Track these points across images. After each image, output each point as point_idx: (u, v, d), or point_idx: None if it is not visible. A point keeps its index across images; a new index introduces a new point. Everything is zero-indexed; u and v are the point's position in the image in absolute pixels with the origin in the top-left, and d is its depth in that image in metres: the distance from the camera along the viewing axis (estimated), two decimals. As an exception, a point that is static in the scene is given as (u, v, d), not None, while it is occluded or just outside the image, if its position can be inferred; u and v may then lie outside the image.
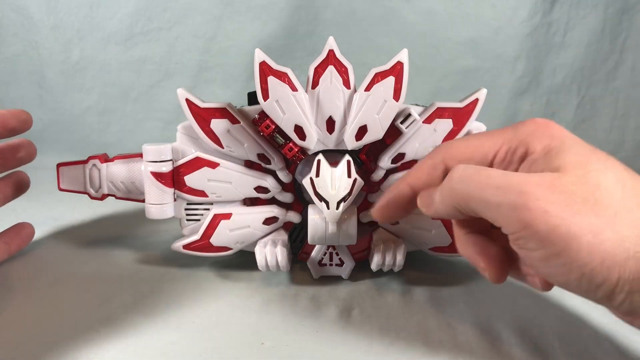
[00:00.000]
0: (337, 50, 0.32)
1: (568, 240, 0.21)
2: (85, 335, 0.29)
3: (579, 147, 0.24)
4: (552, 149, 0.24)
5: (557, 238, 0.21)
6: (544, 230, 0.21)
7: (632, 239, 0.20)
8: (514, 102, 0.79)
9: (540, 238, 0.21)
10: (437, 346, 0.28)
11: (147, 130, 0.80)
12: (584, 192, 0.22)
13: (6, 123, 0.36)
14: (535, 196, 0.21)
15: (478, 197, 0.23)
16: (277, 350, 0.28)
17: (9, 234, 0.40)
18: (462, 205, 0.24)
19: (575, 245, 0.21)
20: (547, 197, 0.21)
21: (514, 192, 0.22)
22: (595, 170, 0.22)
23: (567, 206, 0.21)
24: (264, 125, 0.33)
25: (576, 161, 0.23)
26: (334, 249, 0.36)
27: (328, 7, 0.77)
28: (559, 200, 0.21)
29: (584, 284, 0.21)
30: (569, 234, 0.21)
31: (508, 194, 0.22)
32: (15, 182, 0.40)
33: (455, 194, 0.25)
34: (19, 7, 0.78)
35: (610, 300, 0.21)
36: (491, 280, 0.26)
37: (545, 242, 0.21)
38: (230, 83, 0.80)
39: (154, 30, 0.78)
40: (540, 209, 0.21)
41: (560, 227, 0.21)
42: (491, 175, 0.23)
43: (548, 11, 0.76)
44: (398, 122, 0.33)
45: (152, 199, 0.35)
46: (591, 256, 0.20)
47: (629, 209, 0.21)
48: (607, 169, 0.23)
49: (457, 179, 0.25)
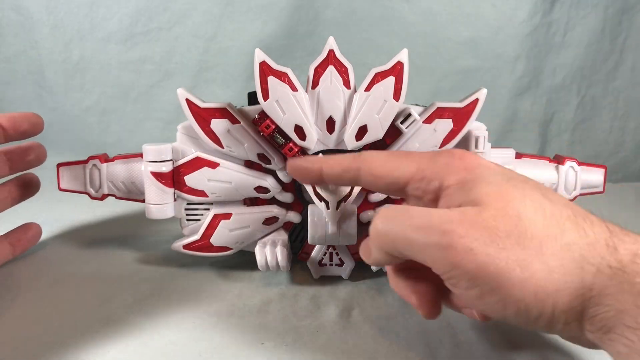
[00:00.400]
0: (337, 50, 0.32)
1: (498, 277, 0.20)
2: (86, 335, 0.29)
3: (494, 177, 0.24)
4: (467, 181, 0.24)
5: (487, 276, 0.21)
6: (472, 268, 0.21)
7: (559, 270, 0.20)
8: (514, 102, 0.79)
9: (470, 277, 0.21)
10: (437, 346, 0.28)
11: (147, 130, 0.80)
12: (506, 225, 0.21)
13: (18, 126, 0.36)
14: (459, 234, 0.21)
15: (403, 238, 0.23)
16: (277, 350, 0.28)
17: (15, 235, 0.40)
18: (391, 249, 0.24)
19: (506, 282, 0.20)
20: (470, 235, 0.21)
21: (438, 232, 0.22)
22: (513, 201, 0.22)
23: (492, 242, 0.21)
24: (264, 125, 0.33)
25: (494, 192, 0.22)
26: (334, 249, 0.36)
27: (328, 7, 0.77)
28: (483, 236, 0.21)
29: (521, 317, 0.21)
30: (498, 271, 0.20)
31: (431, 234, 0.22)
32: (24, 183, 0.40)
33: (381, 238, 0.24)
34: (19, 7, 0.78)
35: (551, 330, 0.21)
36: (424, 317, 0.25)
37: (476, 281, 0.21)
38: (230, 83, 0.80)
39: (154, 30, 0.78)
40: (466, 247, 0.21)
41: (488, 265, 0.20)
42: (413, 215, 0.23)
43: (548, 11, 0.76)
44: (398, 122, 0.33)
45: (152, 199, 0.35)
46: (523, 291, 0.20)
47: (552, 237, 0.21)
48: (525, 197, 0.22)
49: (380, 222, 0.24)
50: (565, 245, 0.21)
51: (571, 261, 0.20)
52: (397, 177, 0.26)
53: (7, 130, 0.36)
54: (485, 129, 0.35)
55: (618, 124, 0.79)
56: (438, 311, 0.26)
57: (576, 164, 0.38)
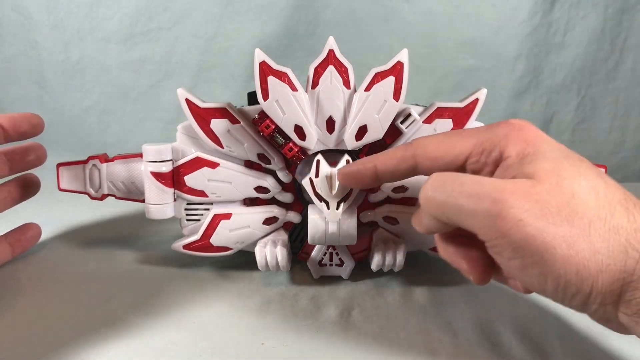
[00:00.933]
0: (337, 50, 0.32)
1: (543, 251, 0.21)
2: (86, 335, 0.29)
3: (553, 153, 0.24)
4: (526, 154, 0.24)
5: (532, 248, 0.21)
6: (518, 239, 0.21)
7: (604, 251, 0.20)
8: (514, 102, 0.79)
9: (515, 247, 0.21)
10: (437, 346, 0.28)
11: (147, 130, 0.80)
12: (558, 201, 0.21)
13: (18, 127, 0.36)
14: (510, 204, 0.21)
15: (451, 205, 0.23)
16: (277, 350, 0.28)
17: (14, 235, 0.40)
18: (440, 215, 0.24)
19: (550, 256, 0.21)
20: (521, 206, 0.21)
21: (488, 200, 0.22)
22: (569, 178, 0.22)
23: (542, 215, 0.21)
24: (264, 125, 0.33)
25: (550, 168, 0.23)
26: (334, 249, 0.36)
27: (328, 7, 0.77)
28: (533, 209, 0.21)
29: (559, 293, 0.21)
30: (544, 244, 0.21)
31: (482, 202, 0.22)
32: (25, 184, 0.40)
33: (431, 204, 0.24)
34: (19, 7, 0.78)
35: (585, 309, 0.21)
36: (475, 282, 0.26)
37: (520, 252, 0.21)
38: (230, 83, 0.80)
39: (154, 30, 0.78)
40: (515, 217, 0.21)
41: (535, 237, 0.21)
42: (464, 182, 0.23)
43: (548, 11, 0.76)
44: (398, 122, 0.33)
45: (152, 199, 0.35)
46: (565, 267, 0.20)
47: (602, 218, 0.21)
48: (580, 175, 0.22)
49: (430, 188, 0.24)
50: (613, 228, 0.21)
51: (617, 244, 0.21)
52: (457, 154, 0.26)
53: (7, 131, 0.36)
54: (485, 129, 0.35)
55: (618, 124, 0.79)
56: (488, 277, 0.26)
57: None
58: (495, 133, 0.26)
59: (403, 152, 0.28)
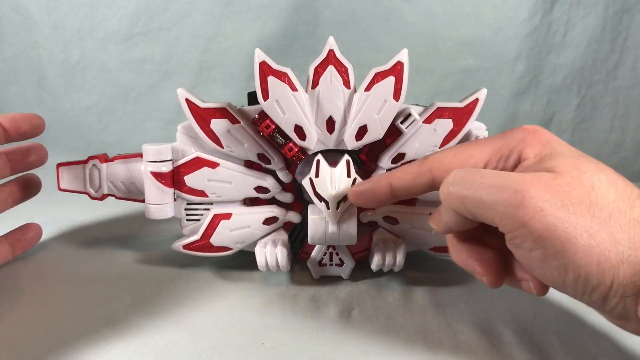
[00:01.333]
0: (337, 50, 0.32)
1: (564, 241, 0.21)
2: (86, 335, 0.29)
3: (570, 152, 0.24)
4: (544, 155, 0.25)
5: (554, 238, 0.21)
6: (539, 229, 0.21)
7: (625, 242, 0.21)
8: (514, 102, 0.79)
9: (536, 237, 0.21)
10: (437, 346, 0.28)
11: (147, 130, 0.80)
12: (579, 193, 0.22)
13: (18, 127, 0.36)
14: (531, 194, 0.22)
15: (472, 197, 0.23)
16: (277, 350, 0.28)
17: (15, 236, 0.40)
18: (461, 208, 0.24)
19: (571, 247, 0.21)
20: (542, 196, 0.21)
21: (509, 191, 0.22)
22: (589, 172, 0.23)
23: (563, 206, 0.21)
24: (264, 125, 0.33)
25: (570, 164, 0.23)
26: (334, 249, 0.36)
27: (328, 7, 0.77)
28: (554, 199, 0.21)
29: (579, 286, 0.21)
30: (566, 234, 0.21)
31: (503, 192, 0.22)
32: (26, 184, 0.40)
33: (451, 198, 0.25)
34: (19, 7, 0.78)
35: (604, 304, 0.21)
36: (489, 285, 0.26)
37: (541, 242, 0.21)
38: (230, 83, 0.80)
39: (154, 30, 0.78)
40: (537, 207, 0.21)
41: (556, 227, 0.21)
42: (485, 175, 0.24)
43: (548, 11, 0.76)
44: (398, 122, 0.33)
45: (152, 199, 0.35)
46: (587, 258, 0.21)
47: (622, 211, 0.21)
48: (599, 170, 0.23)
49: (451, 182, 0.25)
50: (634, 221, 0.21)
51: (637, 236, 0.21)
52: (474, 163, 0.27)
53: (8, 131, 0.36)
54: (485, 129, 0.35)
55: (618, 124, 0.79)
56: (502, 279, 0.26)
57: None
58: (511, 138, 0.26)
59: (419, 167, 0.28)
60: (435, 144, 0.34)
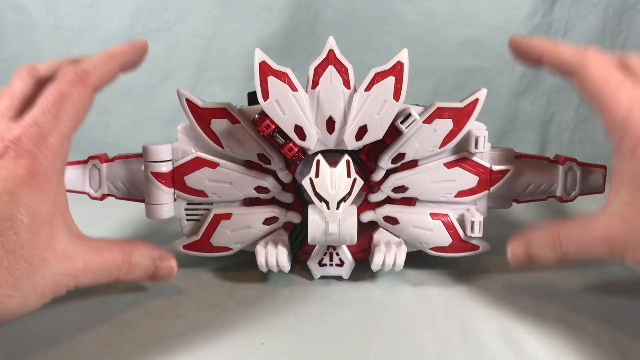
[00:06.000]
0: (337, 50, 0.32)
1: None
2: (85, 335, 0.29)
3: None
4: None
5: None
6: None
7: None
8: (514, 102, 0.78)
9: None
10: (437, 346, 0.28)
11: (147, 130, 0.80)
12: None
13: (132, 59, 0.35)
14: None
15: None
16: (277, 350, 0.28)
17: None
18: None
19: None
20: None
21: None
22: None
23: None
24: (264, 125, 0.33)
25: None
26: (334, 249, 0.36)
27: (328, 7, 0.77)
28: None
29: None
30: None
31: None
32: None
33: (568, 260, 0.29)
34: (19, 7, 0.78)
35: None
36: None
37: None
38: (230, 83, 0.80)
39: (154, 30, 0.78)
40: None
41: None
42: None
43: (548, 11, 0.76)
44: (398, 122, 0.33)
45: (151, 199, 0.35)
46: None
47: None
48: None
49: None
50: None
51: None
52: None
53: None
54: (485, 129, 0.35)
55: (618, 124, 0.78)
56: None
57: (576, 164, 0.38)
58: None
59: (571, 57, 0.30)
60: (435, 144, 0.34)
